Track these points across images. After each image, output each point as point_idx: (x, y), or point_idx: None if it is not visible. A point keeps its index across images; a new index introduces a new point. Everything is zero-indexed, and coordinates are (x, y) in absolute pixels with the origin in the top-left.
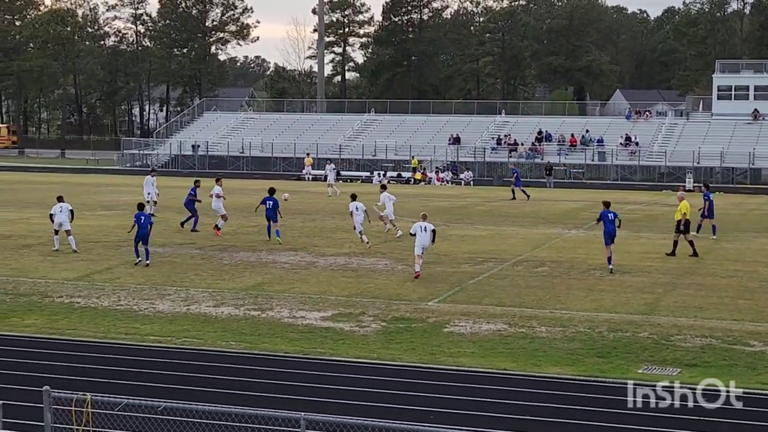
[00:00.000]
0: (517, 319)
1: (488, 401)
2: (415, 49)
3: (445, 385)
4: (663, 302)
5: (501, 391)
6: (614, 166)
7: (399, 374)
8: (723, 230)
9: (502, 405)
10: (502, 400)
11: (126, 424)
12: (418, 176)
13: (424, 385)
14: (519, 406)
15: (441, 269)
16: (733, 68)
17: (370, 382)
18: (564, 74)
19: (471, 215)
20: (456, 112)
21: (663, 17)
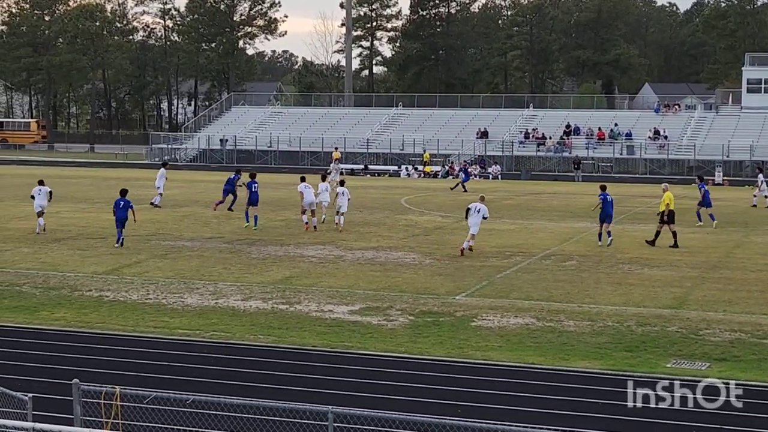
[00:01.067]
0: (545, 313)
1: (516, 395)
2: (442, 43)
3: (473, 379)
4: (692, 296)
5: (529, 385)
6: (643, 159)
7: (427, 368)
8: (753, 224)
9: (530, 399)
10: (531, 394)
11: (154, 417)
12: (427, 170)
13: (452, 379)
14: (547, 400)
15: (469, 263)
16: (763, 61)
17: (398, 375)
18: (592, 68)
19: (499, 209)
20: (484, 106)
21: (692, 10)
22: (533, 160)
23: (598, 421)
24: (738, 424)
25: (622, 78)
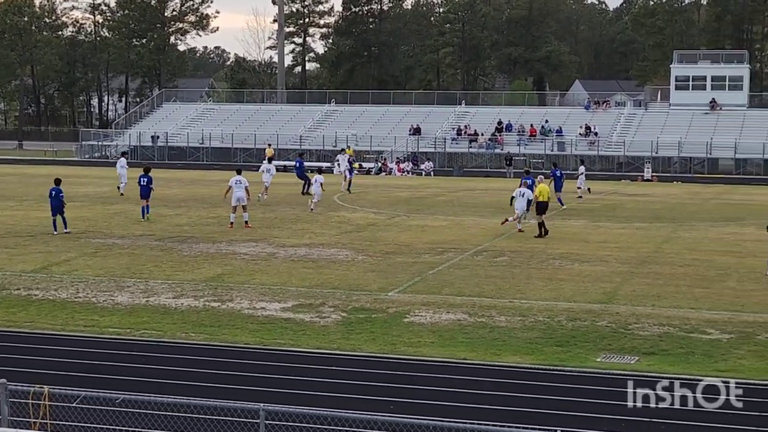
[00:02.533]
0: (476, 309)
1: (448, 390)
2: (375, 40)
3: (405, 375)
4: (621, 291)
5: (461, 380)
6: (573, 156)
7: (359, 364)
8: (681, 219)
9: (461, 394)
10: (462, 390)
11: (84, 417)
12: (355, 165)
13: (384, 375)
14: (478, 395)
15: (401, 260)
16: (690, 59)
17: (330, 372)
18: (524, 65)
19: (431, 205)
20: (416, 103)
21: (621, 8)
22: (465, 157)
23: (529, 416)
24: (667, 417)
25: (553, 75)
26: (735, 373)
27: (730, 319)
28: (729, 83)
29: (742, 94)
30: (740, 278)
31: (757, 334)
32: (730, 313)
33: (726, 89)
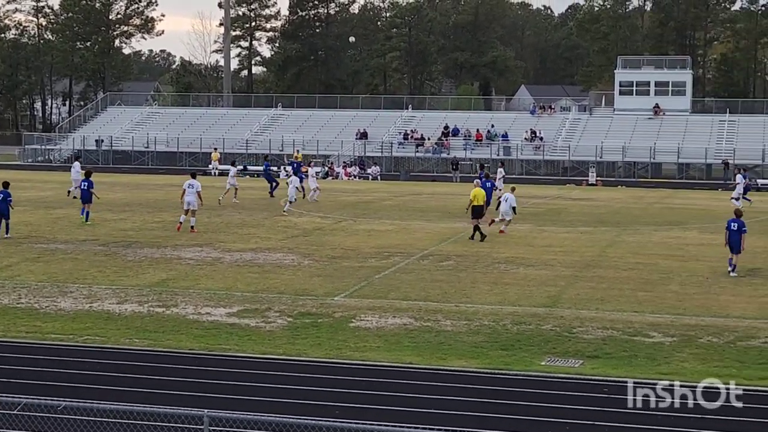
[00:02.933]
0: (422, 313)
1: (394, 395)
2: (322, 44)
3: (351, 379)
4: (566, 295)
5: (406, 384)
6: (519, 160)
7: (305, 369)
8: (625, 224)
9: (407, 399)
10: (408, 394)
11: (26, 425)
12: (304, 169)
13: (330, 380)
14: (424, 399)
15: (348, 264)
16: (634, 64)
17: (276, 378)
18: (470, 69)
19: (378, 210)
20: (363, 107)
21: (567, 13)
22: (412, 161)
23: (475, 420)
24: (610, 420)
25: (499, 80)
26: (677, 376)
27: (672, 323)
28: (672, 89)
29: (685, 99)
30: (683, 282)
31: (698, 337)
32: (672, 317)
33: (669, 94)
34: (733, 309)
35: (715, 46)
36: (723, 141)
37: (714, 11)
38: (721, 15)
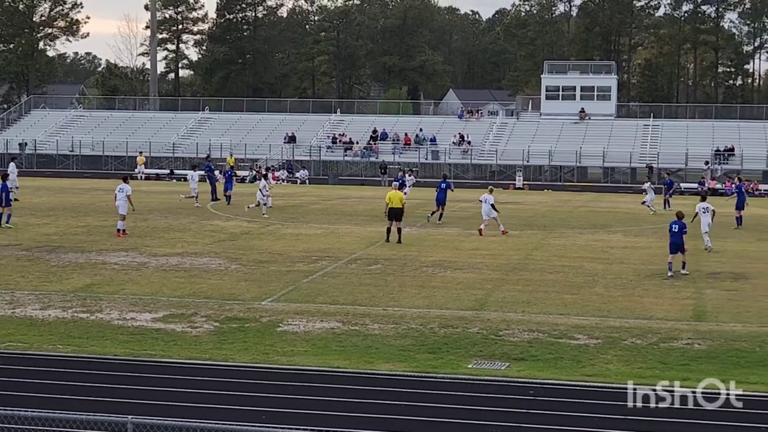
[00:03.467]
0: (350, 317)
1: (321, 399)
2: (250, 47)
3: (278, 384)
4: (492, 298)
5: (334, 389)
6: (447, 164)
7: (232, 375)
8: (551, 227)
9: (335, 403)
10: (335, 398)
11: None
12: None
13: (257, 384)
14: (352, 403)
15: (275, 268)
16: (560, 69)
17: (202, 383)
18: (398, 73)
19: (306, 214)
20: (291, 111)
21: (494, 18)
22: (340, 165)
23: (402, 423)
24: (536, 422)
25: (427, 84)
26: (602, 378)
27: (597, 325)
28: (597, 93)
29: (610, 104)
30: (607, 284)
31: (623, 339)
32: (597, 319)
33: (594, 99)
34: (656, 311)
35: (639, 52)
36: (647, 145)
37: (638, 17)
38: (645, 21)
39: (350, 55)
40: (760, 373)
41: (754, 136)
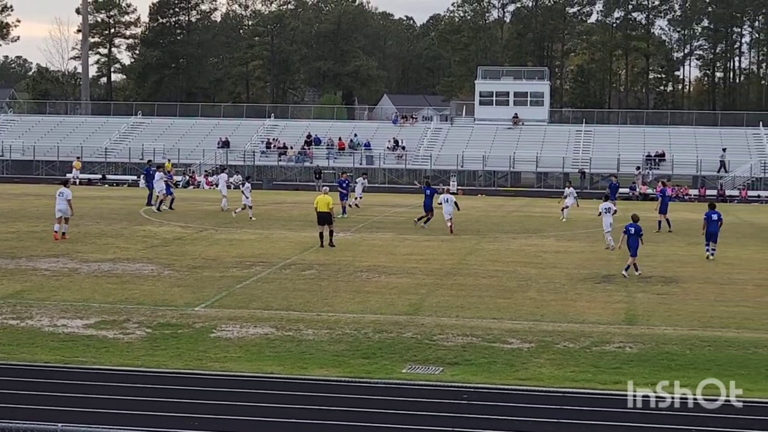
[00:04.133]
0: (284, 323)
1: (255, 405)
2: (183, 52)
3: (211, 390)
4: (427, 302)
5: (268, 395)
6: (382, 169)
7: (164, 381)
8: (484, 231)
9: (269, 408)
10: (270, 404)
11: None
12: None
13: (190, 391)
14: (286, 409)
15: (209, 274)
16: (494, 75)
17: (134, 390)
18: (333, 78)
19: (239, 219)
20: (225, 116)
21: (428, 24)
22: (275, 170)
23: (336, 429)
24: (470, 426)
25: (361, 89)
26: (535, 382)
27: (530, 329)
28: (531, 99)
29: (543, 109)
30: (540, 289)
31: (555, 343)
32: (530, 323)
33: (528, 105)
34: (588, 315)
35: (571, 58)
36: (580, 150)
37: (571, 23)
38: (577, 27)
39: (284, 60)
40: (690, 375)
41: (685, 142)
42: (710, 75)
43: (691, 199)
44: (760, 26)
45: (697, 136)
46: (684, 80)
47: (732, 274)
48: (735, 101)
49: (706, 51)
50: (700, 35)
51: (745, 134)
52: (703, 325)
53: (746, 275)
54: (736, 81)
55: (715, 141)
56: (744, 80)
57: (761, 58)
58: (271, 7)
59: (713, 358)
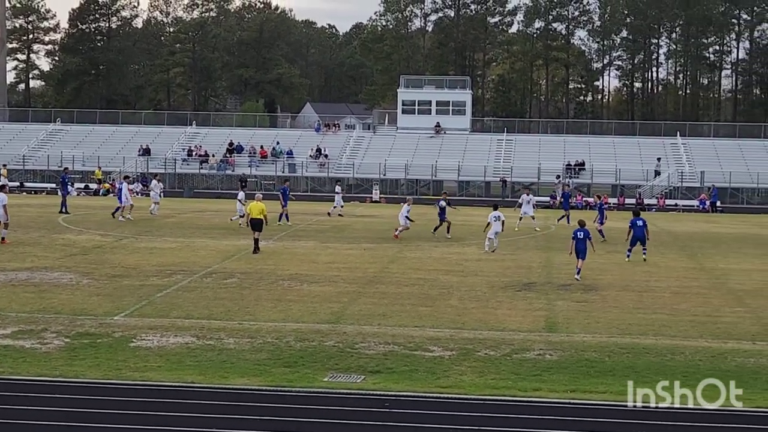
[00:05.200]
0: (205, 332)
1: (175, 415)
2: (103, 58)
3: (130, 400)
4: (349, 311)
5: (188, 404)
6: (304, 177)
7: (83, 391)
8: (407, 240)
9: (188, 418)
10: (190, 414)
11: None
12: (106, 186)
13: (109, 401)
14: (206, 419)
15: (128, 283)
16: (416, 84)
17: (53, 400)
18: (255, 86)
19: (160, 227)
20: (146, 123)
21: (351, 32)
22: (196, 178)
23: None
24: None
25: (284, 97)
26: (456, 389)
27: (452, 336)
28: (453, 108)
29: (465, 118)
30: (461, 296)
31: (476, 351)
32: (452, 331)
33: (450, 114)
34: (509, 323)
35: (493, 68)
36: (501, 159)
37: (492, 33)
38: (499, 37)
39: (206, 68)
40: (609, 382)
41: (604, 151)
42: (629, 85)
43: (610, 208)
44: (677, 37)
45: (616, 145)
46: (603, 90)
47: (650, 282)
48: (653, 111)
49: (625, 62)
50: (618, 46)
51: (663, 144)
52: (622, 333)
53: (664, 283)
54: (654, 91)
55: (634, 150)
56: (662, 90)
57: (678, 68)
58: (192, 14)
59: (631, 365)
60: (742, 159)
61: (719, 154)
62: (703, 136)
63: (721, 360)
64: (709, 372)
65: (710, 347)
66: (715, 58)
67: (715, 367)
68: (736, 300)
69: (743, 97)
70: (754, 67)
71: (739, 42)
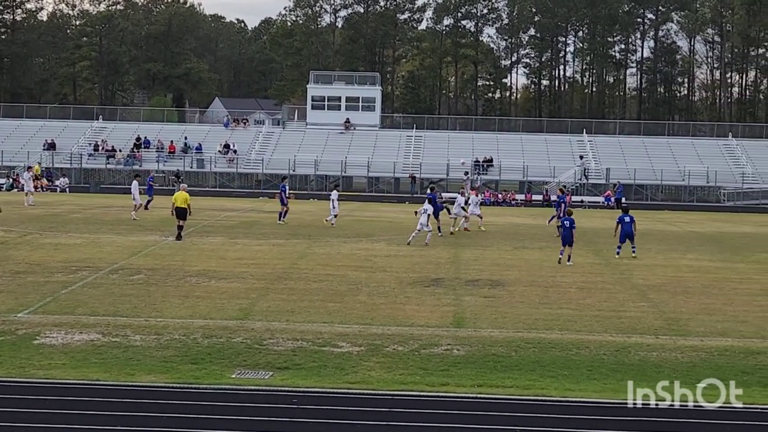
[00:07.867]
0: (111, 329)
1: (80, 413)
2: (7, 51)
3: (35, 399)
4: (257, 307)
5: (94, 402)
6: (213, 173)
7: None
8: (316, 236)
9: (94, 416)
10: (95, 412)
11: None
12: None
13: (13, 400)
14: (111, 417)
15: (32, 279)
16: (326, 79)
17: None
18: (163, 81)
19: (66, 223)
20: (51, 117)
21: (260, 27)
22: (103, 173)
23: None
24: (298, 430)
25: (192, 92)
26: (364, 385)
27: (360, 332)
28: (362, 104)
29: (375, 114)
30: (370, 292)
31: (385, 346)
32: (360, 326)
33: (360, 110)
34: (417, 318)
35: (402, 64)
36: (410, 155)
37: (402, 30)
38: (408, 34)
39: (113, 61)
40: (515, 377)
41: (512, 148)
42: (536, 83)
43: (517, 204)
44: (584, 36)
45: (523, 142)
46: (511, 88)
47: (556, 278)
48: (560, 109)
49: (533, 59)
50: (526, 44)
51: (570, 141)
52: (528, 328)
53: (569, 278)
54: (561, 89)
55: (541, 147)
56: (568, 88)
57: (585, 67)
58: (99, 8)
59: (537, 359)
60: (646, 156)
61: (624, 152)
62: (608, 134)
63: (624, 354)
64: (613, 366)
65: (614, 341)
66: (621, 57)
67: (618, 361)
68: (639, 295)
69: (648, 95)
70: (658, 66)
71: (644, 41)
